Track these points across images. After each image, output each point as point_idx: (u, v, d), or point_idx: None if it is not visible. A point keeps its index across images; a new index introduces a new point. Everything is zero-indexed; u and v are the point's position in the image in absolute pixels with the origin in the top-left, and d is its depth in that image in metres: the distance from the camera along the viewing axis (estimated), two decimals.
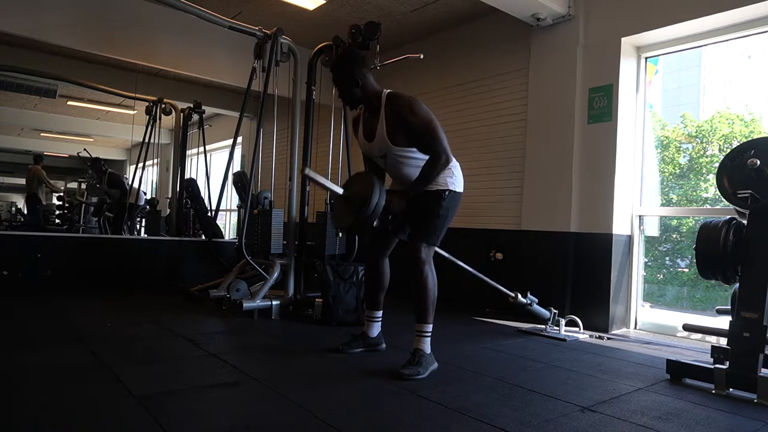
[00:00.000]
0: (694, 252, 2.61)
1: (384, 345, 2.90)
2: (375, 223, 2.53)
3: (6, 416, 1.75)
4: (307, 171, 2.61)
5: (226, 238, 7.05)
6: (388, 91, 2.61)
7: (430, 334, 2.54)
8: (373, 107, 2.60)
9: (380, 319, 2.89)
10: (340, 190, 2.61)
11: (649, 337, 3.77)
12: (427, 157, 2.53)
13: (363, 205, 2.42)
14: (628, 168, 4.03)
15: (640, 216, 4.07)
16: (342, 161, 4.43)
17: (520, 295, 3.53)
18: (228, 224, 9.30)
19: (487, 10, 4.48)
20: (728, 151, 2.63)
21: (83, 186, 9.55)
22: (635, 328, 4.01)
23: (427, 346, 2.52)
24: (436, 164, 2.48)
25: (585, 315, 3.81)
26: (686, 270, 4.39)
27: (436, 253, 2.85)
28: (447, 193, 2.58)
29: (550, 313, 3.67)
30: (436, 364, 2.53)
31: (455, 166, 2.66)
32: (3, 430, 1.65)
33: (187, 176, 6.65)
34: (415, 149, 2.56)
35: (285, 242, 4.13)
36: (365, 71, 2.58)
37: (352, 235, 3.42)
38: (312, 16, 5.19)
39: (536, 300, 3.62)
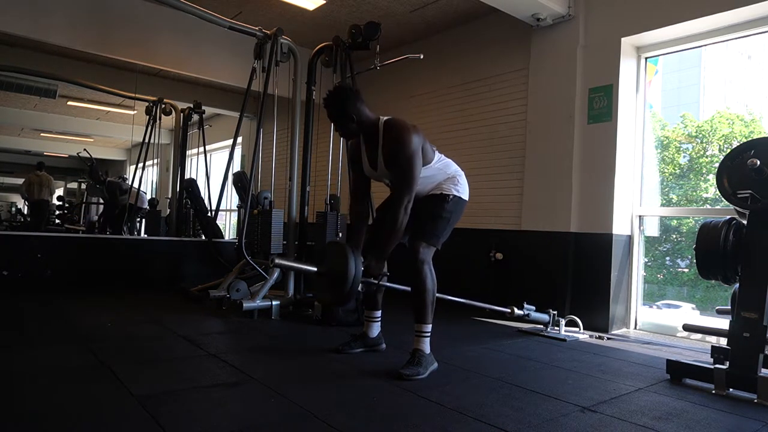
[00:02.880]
0: (694, 252, 2.61)
1: (384, 345, 2.90)
2: (359, 288, 2.48)
3: (6, 416, 1.75)
4: (277, 261, 2.62)
5: (226, 238, 7.06)
6: (385, 119, 2.59)
7: (429, 334, 2.54)
8: (372, 137, 2.59)
9: (380, 319, 2.89)
10: (313, 269, 2.59)
11: (649, 337, 3.77)
12: (428, 173, 2.56)
13: (342, 283, 2.38)
14: (628, 168, 4.03)
15: (640, 216, 4.07)
16: (342, 161, 4.42)
17: (516, 309, 3.49)
18: (228, 224, 9.29)
19: (487, 10, 4.48)
20: (728, 151, 2.62)
21: (83, 186, 9.55)
22: (635, 328, 4.01)
23: (426, 346, 2.52)
24: (399, 208, 2.43)
25: (585, 315, 3.81)
26: (686, 270, 4.39)
27: (437, 252, 2.84)
28: (451, 197, 2.61)
29: (549, 315, 3.67)
30: (436, 364, 2.53)
31: (460, 174, 2.70)
32: (3, 430, 1.65)
33: (187, 176, 6.66)
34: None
35: (285, 242, 4.13)
36: (359, 104, 2.54)
37: (339, 307, 3.45)
38: (312, 16, 5.19)
39: (533, 308, 3.58)
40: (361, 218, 2.76)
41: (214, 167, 8.26)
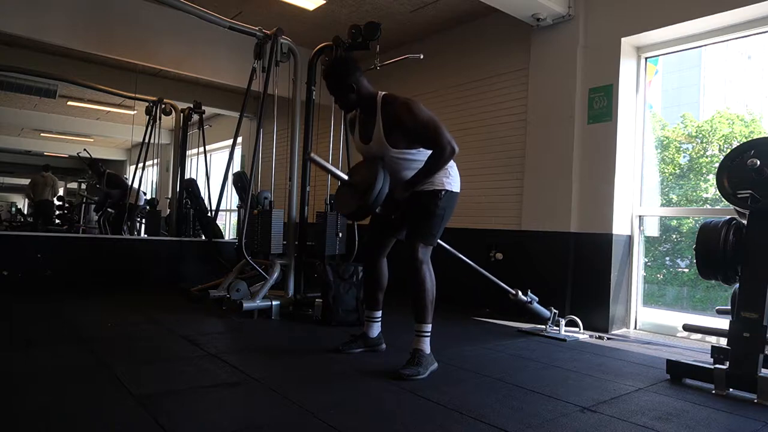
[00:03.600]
0: (694, 252, 2.61)
1: (384, 345, 2.90)
2: (378, 210, 2.52)
3: (6, 416, 1.75)
4: (313, 155, 2.61)
5: (226, 238, 7.06)
6: (383, 93, 2.59)
7: (429, 334, 2.54)
8: (369, 110, 2.59)
9: (380, 319, 2.89)
10: (345, 176, 2.62)
11: (649, 337, 3.77)
12: (423, 156, 2.53)
13: (366, 191, 2.42)
14: (628, 168, 4.03)
15: (640, 216, 4.07)
16: (342, 161, 4.43)
17: (520, 293, 3.53)
18: (228, 224, 9.30)
19: (487, 10, 4.48)
20: (728, 151, 2.62)
21: (83, 186, 9.57)
22: (635, 328, 4.01)
23: (426, 346, 2.52)
24: (442, 155, 2.47)
25: (585, 315, 3.81)
26: (686, 270, 4.39)
27: (438, 246, 2.85)
28: (443, 192, 2.57)
29: (551, 312, 3.67)
30: (435, 364, 2.53)
31: (452, 166, 2.66)
32: (3, 430, 1.65)
33: (187, 176, 6.66)
34: (414, 151, 2.55)
35: (285, 242, 4.13)
36: (358, 75, 2.55)
37: (356, 220, 3.41)
38: (312, 16, 5.19)
39: (536, 299, 3.62)
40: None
41: (214, 167, 8.27)
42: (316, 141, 4.37)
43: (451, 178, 2.63)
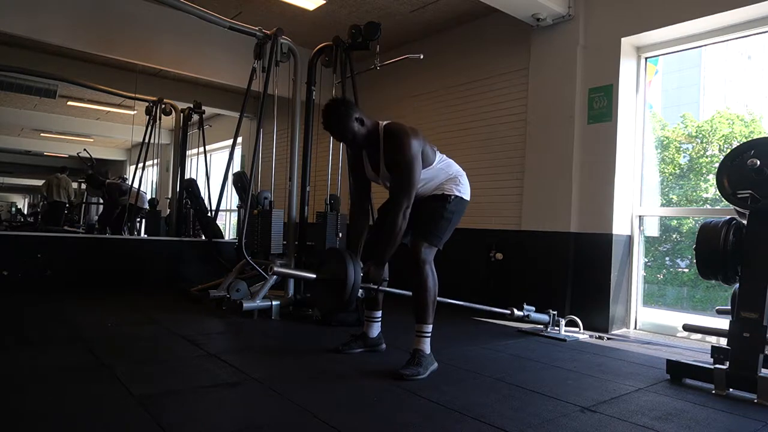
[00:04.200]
0: (694, 252, 2.61)
1: (384, 345, 2.90)
2: (359, 294, 2.50)
3: (6, 416, 1.75)
4: (276, 269, 2.64)
5: (226, 238, 7.06)
6: (385, 123, 2.59)
7: (429, 334, 2.54)
8: (373, 142, 2.59)
9: (380, 319, 2.89)
10: (312, 276, 2.61)
11: (648, 337, 3.77)
12: (430, 174, 2.57)
13: (341, 288, 2.40)
14: (628, 168, 4.03)
15: (640, 216, 4.07)
16: (342, 161, 4.42)
17: (515, 310, 3.49)
18: (228, 224, 9.30)
19: (487, 10, 4.48)
20: (728, 151, 2.62)
21: (83, 186, 9.58)
22: (635, 328, 4.01)
23: (427, 346, 2.52)
24: (398, 213, 2.43)
25: (585, 315, 3.81)
26: (686, 270, 4.39)
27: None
28: (453, 197, 2.61)
29: (549, 316, 3.67)
30: (436, 365, 2.53)
31: (462, 175, 2.70)
32: (3, 430, 1.65)
33: (187, 176, 6.66)
34: (422, 177, 2.56)
35: (285, 242, 4.13)
36: (355, 117, 2.51)
37: (340, 313, 3.47)
38: (312, 16, 5.19)
39: (533, 309, 3.58)
40: (361, 222, 2.77)
41: (214, 167, 8.27)
42: (316, 141, 4.38)
43: (462, 186, 2.67)
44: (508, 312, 3.47)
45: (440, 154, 2.69)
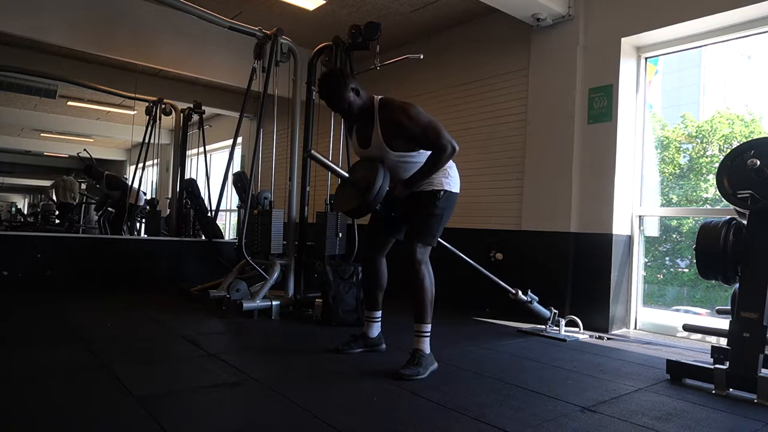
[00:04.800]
0: (694, 252, 2.61)
1: (384, 345, 2.90)
2: (378, 207, 2.53)
3: (6, 416, 1.75)
4: (313, 152, 2.62)
5: (226, 238, 7.06)
6: (380, 97, 2.59)
7: (429, 334, 2.54)
8: (366, 115, 2.59)
9: (380, 319, 2.89)
10: (345, 174, 2.64)
11: (649, 337, 3.77)
12: (422, 158, 2.54)
13: (367, 189, 2.43)
14: (628, 168, 4.03)
15: (640, 216, 4.07)
16: (342, 162, 4.42)
17: (520, 292, 3.53)
18: (228, 224, 9.29)
19: (487, 10, 4.48)
20: (728, 151, 2.62)
21: (83, 186, 9.58)
22: (635, 328, 4.01)
23: (426, 346, 2.52)
24: (442, 155, 2.48)
25: (585, 315, 3.81)
26: (686, 270, 4.39)
27: (439, 245, 2.85)
28: (442, 193, 2.57)
29: (551, 312, 3.67)
30: (435, 365, 2.53)
31: (451, 166, 2.67)
32: (3, 430, 1.65)
33: (187, 176, 6.66)
34: (414, 153, 2.55)
35: (285, 242, 4.13)
36: (351, 87, 2.52)
37: (356, 217, 3.41)
38: (312, 16, 5.19)
39: (536, 298, 3.61)
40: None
41: (214, 167, 8.27)
42: (316, 141, 4.38)
43: (451, 179, 2.63)
44: (513, 291, 3.50)
45: None
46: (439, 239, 2.72)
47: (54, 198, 9.19)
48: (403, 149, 2.53)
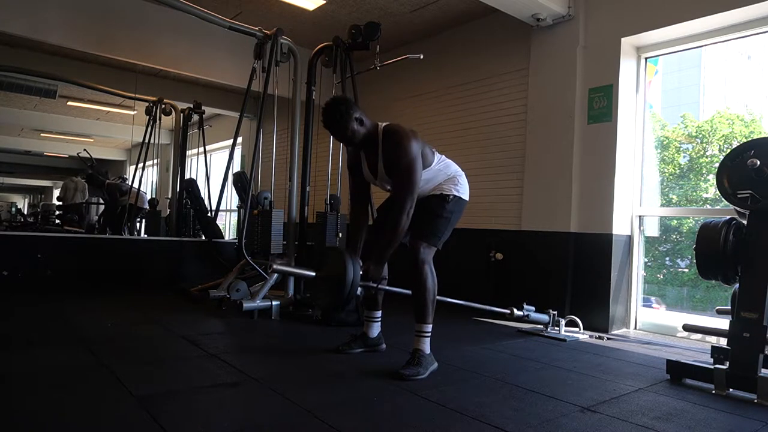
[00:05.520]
0: (694, 252, 2.60)
1: (384, 345, 2.90)
2: (358, 292, 2.49)
3: (5, 416, 1.75)
4: (276, 267, 2.67)
5: (226, 238, 7.06)
6: (384, 125, 2.58)
7: (429, 334, 2.54)
8: (372, 143, 2.59)
9: (380, 319, 2.89)
10: (311, 273, 2.61)
11: (649, 337, 3.77)
12: (429, 175, 2.57)
13: (340, 288, 2.40)
14: (628, 168, 4.03)
15: (640, 216, 4.07)
16: (342, 162, 4.42)
17: (515, 309, 3.49)
18: (228, 224, 9.30)
19: (487, 10, 4.48)
20: (728, 151, 2.62)
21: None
22: (635, 328, 4.01)
23: (426, 346, 2.52)
24: (401, 213, 2.42)
25: (585, 315, 3.81)
26: (686, 270, 4.39)
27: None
28: (452, 197, 2.61)
29: (549, 315, 3.67)
30: (436, 365, 2.53)
31: (460, 175, 2.71)
32: (2, 430, 1.65)
33: (187, 176, 6.66)
34: (427, 168, 2.57)
35: (285, 242, 4.13)
36: (354, 117, 2.51)
37: (336, 311, 3.47)
38: (312, 16, 5.20)
39: (533, 309, 3.57)
40: (360, 222, 2.77)
41: (214, 167, 8.27)
42: (316, 141, 4.38)
43: (460, 186, 2.67)
44: (508, 312, 3.47)
45: (439, 155, 2.69)
46: (439, 297, 2.65)
47: (63, 198, 9.19)
48: None
